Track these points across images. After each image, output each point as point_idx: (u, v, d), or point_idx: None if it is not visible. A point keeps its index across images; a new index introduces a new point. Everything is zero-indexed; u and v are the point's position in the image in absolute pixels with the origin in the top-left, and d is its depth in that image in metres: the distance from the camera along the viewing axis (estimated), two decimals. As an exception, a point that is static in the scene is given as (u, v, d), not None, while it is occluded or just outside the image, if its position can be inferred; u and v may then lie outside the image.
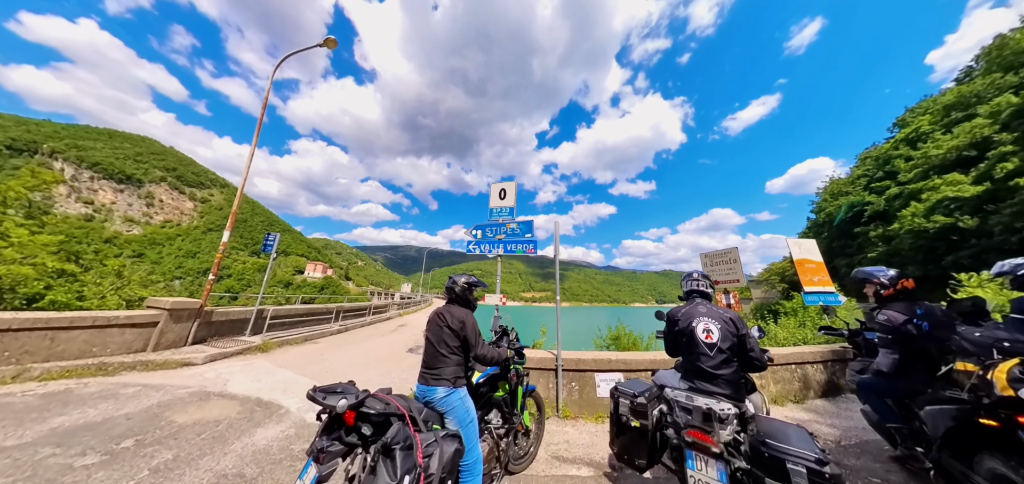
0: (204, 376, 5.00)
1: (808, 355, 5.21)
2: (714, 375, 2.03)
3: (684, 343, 2.22)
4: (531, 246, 5.05)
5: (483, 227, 5.40)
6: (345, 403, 1.44)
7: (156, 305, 5.80)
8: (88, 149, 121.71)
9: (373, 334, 11.13)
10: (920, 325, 2.55)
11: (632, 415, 2.13)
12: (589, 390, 4.57)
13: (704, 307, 2.27)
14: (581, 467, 3.08)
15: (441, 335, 2.14)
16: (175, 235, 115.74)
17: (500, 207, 5.39)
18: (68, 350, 4.73)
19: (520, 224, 5.13)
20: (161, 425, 3.30)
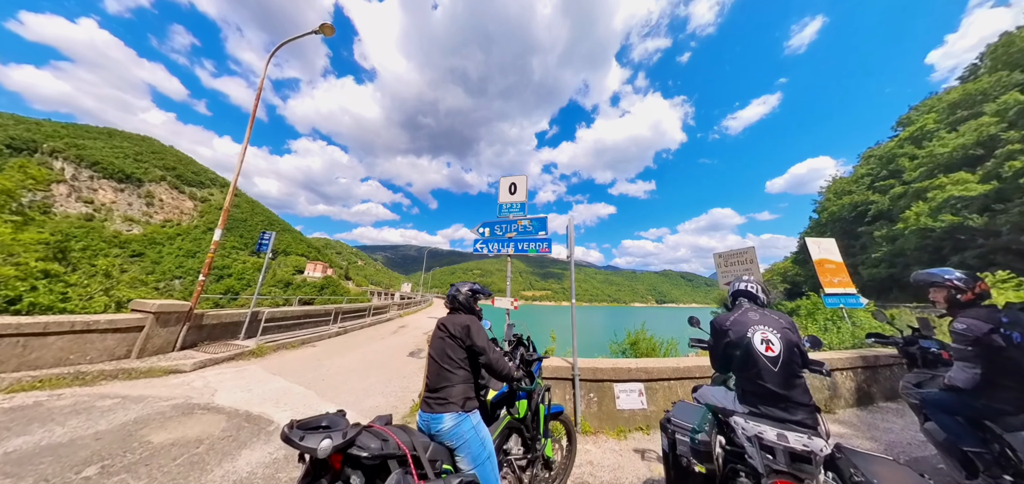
0: (191, 385, 4.62)
1: (836, 361, 4.89)
2: (783, 397, 1.67)
3: (738, 357, 1.85)
4: (545, 245, 4.68)
5: (491, 224, 5.02)
6: (329, 444, 1.12)
7: (141, 308, 5.42)
8: (88, 148, 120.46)
9: (373, 336, 10.75)
10: (1009, 335, 2.18)
11: (695, 457, 1.67)
12: (608, 402, 4.20)
13: (756, 313, 1.94)
14: None
15: (444, 348, 1.84)
16: (175, 234, 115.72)
17: (511, 203, 5.01)
18: (42, 358, 4.35)
19: (533, 221, 4.76)
20: (134, 446, 2.93)
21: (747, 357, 1.80)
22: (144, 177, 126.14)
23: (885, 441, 3.62)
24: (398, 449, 1.30)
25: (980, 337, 2.27)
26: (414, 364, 7.15)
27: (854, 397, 4.82)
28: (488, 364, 1.87)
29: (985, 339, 2.24)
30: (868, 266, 28.46)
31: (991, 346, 2.23)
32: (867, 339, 3.59)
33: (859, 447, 3.24)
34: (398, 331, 12.39)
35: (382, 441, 1.29)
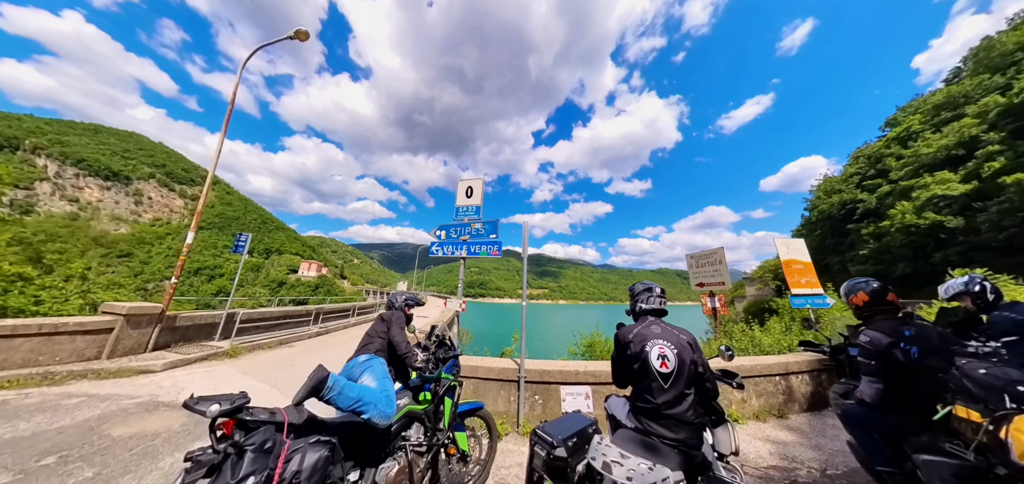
0: (160, 385, 4.79)
1: (793, 365, 4.85)
2: (666, 415, 1.70)
3: (636, 371, 1.86)
4: (495, 247, 4.88)
5: (448, 227, 5.23)
6: (216, 408, 1.32)
7: (111, 310, 5.56)
8: (72, 145, 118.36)
9: (353, 335, 10.92)
10: (908, 350, 2.08)
11: (548, 473, 1.67)
12: (554, 404, 4.22)
13: (658, 327, 1.92)
14: None
15: (375, 330, 2.86)
16: (165, 233, 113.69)
17: (466, 205, 5.21)
18: (10, 359, 4.49)
19: (486, 224, 4.97)
20: (93, 439, 3.11)
21: (643, 371, 1.81)
22: (132, 175, 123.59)
23: (830, 450, 3.58)
24: (281, 418, 1.51)
25: (882, 351, 2.19)
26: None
27: (809, 402, 4.78)
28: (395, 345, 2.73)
29: (885, 353, 2.17)
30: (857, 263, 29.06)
31: (891, 361, 2.15)
32: (798, 347, 3.59)
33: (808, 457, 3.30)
34: (382, 330, 12.57)
35: (271, 413, 1.50)
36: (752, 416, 4.47)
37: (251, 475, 1.29)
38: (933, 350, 2.07)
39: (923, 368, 2.06)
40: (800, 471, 3.24)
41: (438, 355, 2.71)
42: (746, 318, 14.58)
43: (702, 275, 9.73)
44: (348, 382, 1.90)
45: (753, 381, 4.60)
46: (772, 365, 4.72)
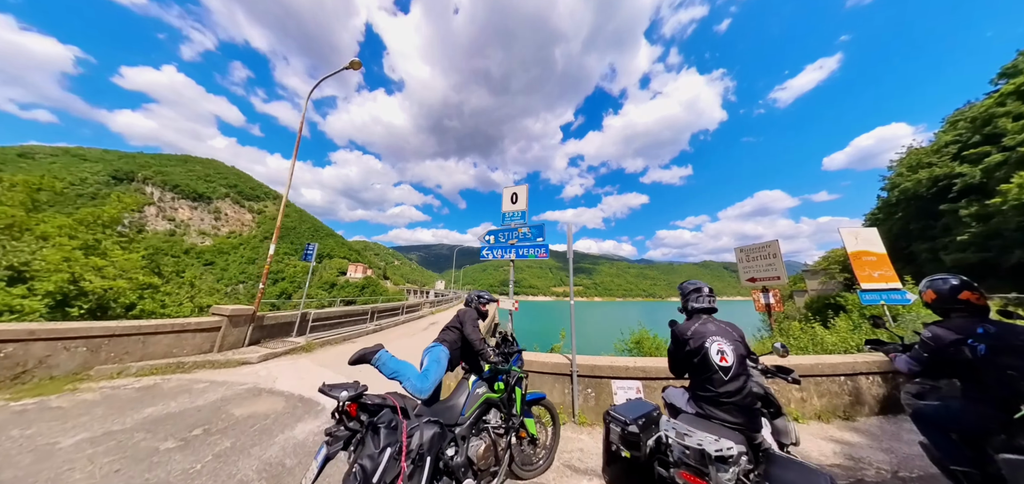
0: (258, 374, 5.71)
1: (861, 365, 4.53)
2: (726, 403, 1.89)
3: (696, 364, 2.04)
4: (542, 250, 5.13)
5: (496, 232, 5.56)
6: (346, 395, 1.73)
7: (218, 312, 6.69)
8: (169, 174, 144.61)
9: (405, 332, 11.81)
10: (975, 347, 2.05)
11: (623, 445, 2.03)
12: (606, 397, 4.46)
13: (714, 325, 2.11)
14: (592, 478, 3.02)
15: (450, 324, 3.09)
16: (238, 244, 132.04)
17: (512, 211, 5.51)
18: (155, 351, 5.65)
19: (532, 228, 5.23)
20: (223, 417, 3.88)
21: (703, 364, 1.99)
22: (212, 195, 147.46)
23: (903, 454, 3.37)
24: (392, 403, 1.90)
25: (943, 348, 2.19)
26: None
27: (880, 404, 4.45)
28: (469, 342, 2.90)
29: (945, 350, 2.17)
30: (952, 251, 24.75)
31: (957, 358, 2.14)
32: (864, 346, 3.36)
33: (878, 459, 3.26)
34: (428, 328, 13.41)
35: (382, 398, 1.90)
36: (813, 416, 4.30)
37: (388, 447, 1.66)
38: (1007, 349, 2.02)
39: (993, 366, 2.03)
40: (867, 471, 3.13)
41: (503, 350, 3.04)
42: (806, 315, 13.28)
43: (754, 269, 9.15)
44: (392, 357, 2.41)
45: (814, 380, 4.40)
46: (837, 364, 4.49)
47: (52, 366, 4.72)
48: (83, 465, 2.78)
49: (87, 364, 5.00)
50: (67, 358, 4.84)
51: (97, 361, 5.08)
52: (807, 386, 4.44)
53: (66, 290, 6.59)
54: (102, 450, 3.03)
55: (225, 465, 2.89)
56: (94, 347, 5.07)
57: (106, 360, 5.16)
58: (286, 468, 2.90)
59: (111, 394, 4.39)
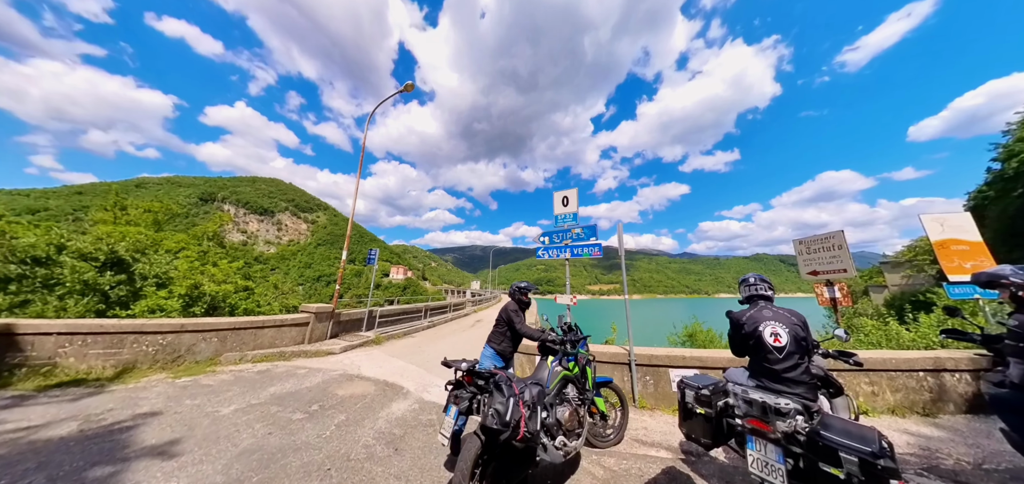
0: (343, 362, 6.58)
1: (947, 361, 4.25)
2: (783, 377, 2.15)
3: (751, 346, 2.34)
4: (596, 249, 5.36)
5: (550, 233, 5.88)
6: (466, 365, 2.41)
7: (307, 310, 7.76)
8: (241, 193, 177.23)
9: (456, 330, 12.57)
10: None
11: (697, 404, 2.45)
12: (664, 384, 4.72)
13: (769, 311, 2.35)
14: (659, 450, 3.40)
15: (499, 319, 3.62)
16: (297, 251, 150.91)
17: (564, 213, 5.80)
18: (263, 342, 6.76)
19: (585, 229, 5.48)
20: (329, 396, 4.63)
21: (758, 345, 2.28)
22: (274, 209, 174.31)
23: (990, 449, 3.25)
24: (497, 373, 2.40)
25: None
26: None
27: (968, 403, 4.15)
28: (524, 335, 3.45)
29: None
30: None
31: None
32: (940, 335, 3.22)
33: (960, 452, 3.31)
34: (475, 325, 14.11)
35: (491, 371, 2.43)
36: (886, 410, 4.19)
37: (511, 397, 2.15)
38: None
39: None
40: (945, 461, 3.09)
41: (571, 337, 3.43)
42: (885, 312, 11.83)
43: (815, 262, 8.48)
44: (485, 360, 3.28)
45: (887, 375, 4.25)
46: (915, 359, 4.28)
47: (196, 353, 5.89)
48: (245, 428, 3.56)
49: (218, 352, 6.14)
50: (205, 346, 6.00)
51: (225, 349, 6.22)
52: (878, 380, 4.31)
53: (192, 293, 8.06)
54: (252, 418, 3.83)
55: (347, 433, 3.53)
56: (222, 338, 6.22)
57: (230, 348, 6.30)
58: (396, 436, 3.48)
59: (240, 375, 5.40)
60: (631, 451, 3.38)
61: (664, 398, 4.70)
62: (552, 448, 2.41)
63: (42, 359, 4.91)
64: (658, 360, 4.79)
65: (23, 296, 6.44)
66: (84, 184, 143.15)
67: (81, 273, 6.98)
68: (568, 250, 5.53)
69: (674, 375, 4.71)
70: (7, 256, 6.58)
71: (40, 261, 6.89)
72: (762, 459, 2.02)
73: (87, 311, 6.76)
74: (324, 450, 3.13)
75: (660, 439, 3.65)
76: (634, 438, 3.64)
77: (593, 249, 5.33)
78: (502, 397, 2.13)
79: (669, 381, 4.70)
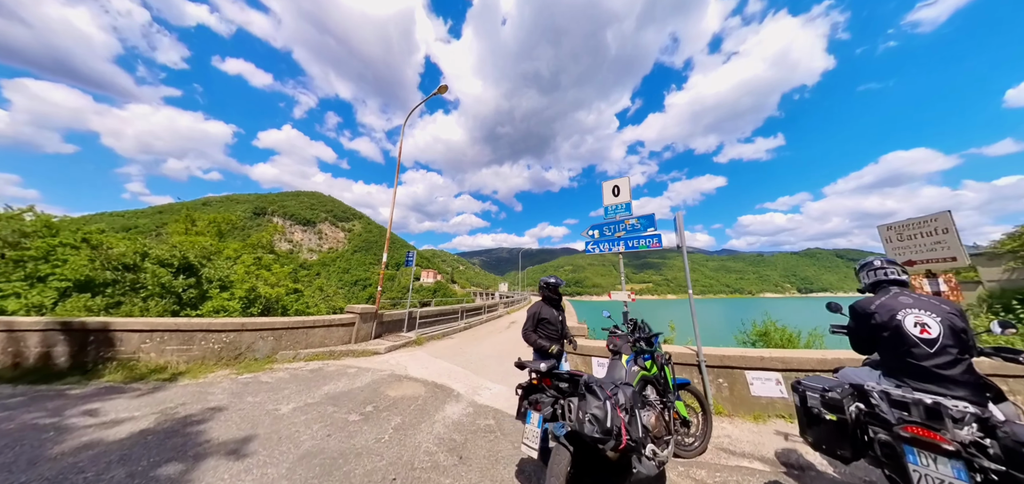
0: (389, 362, 6.59)
1: None
2: (937, 375, 1.76)
3: (886, 339, 1.97)
4: (656, 241, 4.89)
5: (599, 226, 5.48)
6: (545, 365, 2.13)
7: (352, 311, 7.94)
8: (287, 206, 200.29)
9: (492, 331, 12.43)
10: None
11: (825, 408, 1.98)
12: (740, 388, 4.27)
13: (908, 297, 1.99)
14: (752, 461, 2.99)
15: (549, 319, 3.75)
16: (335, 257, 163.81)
17: (615, 204, 5.38)
18: (313, 341, 6.97)
19: (641, 219, 5.03)
20: (381, 397, 4.57)
21: (897, 338, 1.91)
22: (315, 220, 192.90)
23: None
24: (578, 373, 2.12)
25: None
26: (533, 353, 8.16)
27: None
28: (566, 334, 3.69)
29: None
30: None
31: None
32: None
33: None
34: (510, 327, 13.91)
35: (569, 372, 2.15)
36: None
37: (606, 400, 1.86)
38: None
39: None
40: None
41: (643, 334, 3.13)
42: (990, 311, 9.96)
43: (912, 250, 7.29)
44: None
45: None
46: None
47: (255, 350, 6.16)
48: (304, 428, 3.53)
49: (274, 350, 6.39)
50: (263, 345, 6.26)
51: (280, 347, 6.47)
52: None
53: (249, 295, 8.55)
54: (310, 417, 3.81)
55: (406, 437, 3.38)
56: (277, 337, 6.46)
57: (285, 347, 6.53)
58: (458, 443, 3.28)
59: (295, 374, 5.53)
60: (720, 462, 2.98)
61: (742, 403, 4.21)
62: (645, 458, 2.09)
63: (128, 354, 5.36)
64: (731, 361, 4.36)
65: (117, 298, 7.20)
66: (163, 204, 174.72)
67: (159, 277, 7.68)
68: (621, 243, 5.11)
69: (752, 377, 4.25)
70: (104, 264, 7.41)
71: (129, 267, 7.69)
72: (934, 476, 1.54)
73: (165, 311, 7.38)
74: (385, 456, 2.98)
75: (749, 449, 3.24)
76: (719, 447, 3.26)
77: (651, 240, 4.87)
78: (598, 401, 1.84)
79: (746, 384, 4.25)
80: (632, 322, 3.51)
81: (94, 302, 6.90)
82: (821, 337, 5.66)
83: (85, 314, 6.41)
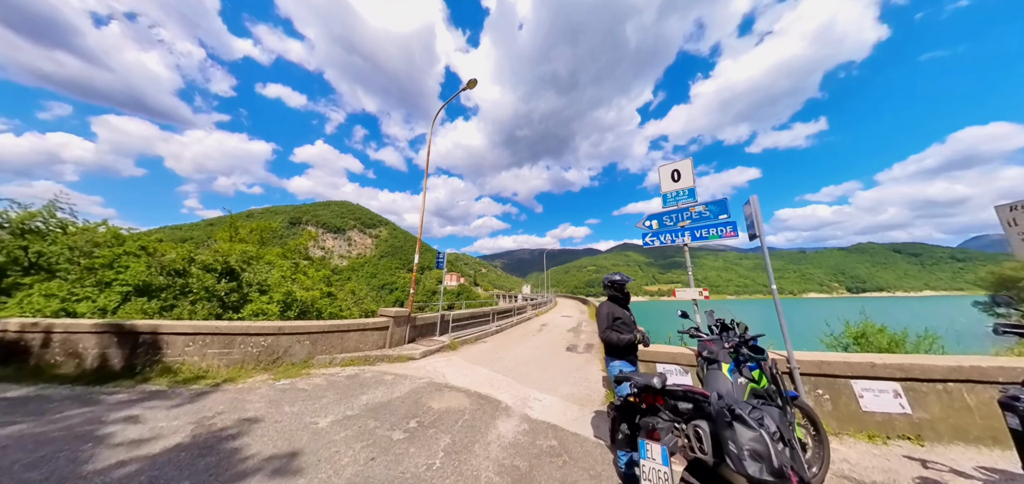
0: (425, 369, 6.27)
1: None
2: None
3: None
4: (729, 228, 4.20)
5: (658, 216, 4.85)
6: (658, 381, 1.66)
7: (385, 314, 7.74)
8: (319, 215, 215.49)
9: (525, 334, 11.94)
10: None
11: None
12: (846, 401, 3.59)
13: None
14: None
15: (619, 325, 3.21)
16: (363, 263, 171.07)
17: (676, 190, 4.72)
18: (349, 345, 6.80)
19: (710, 205, 4.35)
20: (424, 409, 4.20)
21: None
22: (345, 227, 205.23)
23: None
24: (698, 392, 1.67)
25: None
26: (577, 358, 7.58)
27: None
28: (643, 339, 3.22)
29: None
30: None
31: None
32: None
33: None
34: (542, 330, 13.35)
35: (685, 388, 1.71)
36: None
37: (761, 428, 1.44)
38: None
39: None
40: None
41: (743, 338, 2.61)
42: None
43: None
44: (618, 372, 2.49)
45: None
46: None
47: (292, 354, 6.04)
48: (345, 448, 3.19)
49: (310, 354, 6.26)
50: (299, 349, 6.14)
51: (316, 352, 6.33)
52: None
53: (287, 299, 8.60)
54: (350, 433, 3.48)
55: (461, 463, 2.96)
56: (313, 341, 6.33)
57: (321, 351, 6.39)
58: (522, 471, 2.82)
59: (332, 380, 5.32)
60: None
61: (850, 419, 3.52)
62: None
63: (172, 357, 5.40)
64: (832, 368, 3.66)
65: (169, 301, 7.47)
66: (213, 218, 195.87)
67: (204, 281, 7.88)
68: (686, 233, 4.45)
69: (861, 388, 3.55)
70: (157, 269, 7.76)
71: (178, 273, 7.99)
72: None
73: (209, 315, 7.54)
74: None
75: (880, 477, 2.62)
76: (840, 474, 2.68)
77: (724, 228, 4.18)
78: (752, 432, 1.39)
79: (854, 396, 3.56)
80: (720, 322, 3.00)
81: (150, 305, 7.16)
82: (937, 339, 4.69)
83: (140, 317, 6.62)
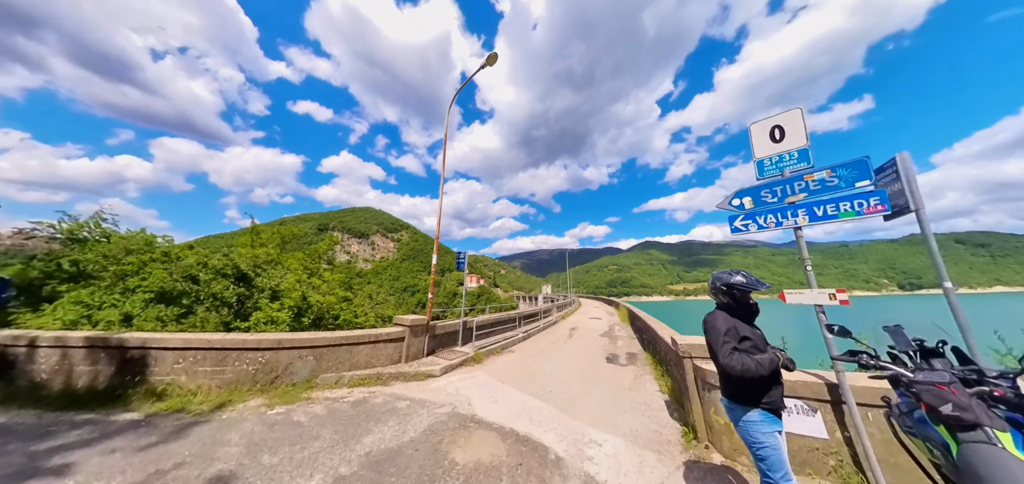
0: (447, 391, 5.19)
1: None
2: None
3: None
4: (876, 199, 2.77)
5: (752, 191, 3.44)
6: None
7: (401, 323, 6.76)
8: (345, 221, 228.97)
9: (554, 340, 10.70)
10: None
11: None
12: None
13: None
14: None
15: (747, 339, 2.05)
16: (387, 266, 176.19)
17: (778, 153, 3.29)
18: (359, 361, 5.85)
19: (840, 169, 2.93)
20: (443, 461, 3.08)
21: None
22: (368, 232, 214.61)
23: None
24: None
25: None
26: (623, 373, 6.26)
27: None
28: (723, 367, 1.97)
29: None
30: None
31: None
32: None
33: None
34: (572, 335, 12.03)
35: None
36: None
37: None
38: None
39: None
40: None
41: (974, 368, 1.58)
42: None
43: None
44: None
45: None
46: None
47: (293, 372, 5.15)
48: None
49: (314, 372, 5.35)
50: (302, 365, 5.24)
51: (321, 369, 5.42)
52: None
53: (300, 305, 7.86)
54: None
55: None
56: (318, 356, 5.43)
57: (326, 368, 5.47)
58: None
59: (334, 409, 4.33)
60: None
61: None
62: None
63: (160, 376, 4.63)
64: None
65: (188, 307, 6.95)
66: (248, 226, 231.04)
67: (211, 287, 7.29)
68: (801, 211, 3.08)
69: None
70: (174, 275, 7.29)
71: (194, 279, 7.50)
72: None
73: (219, 324, 6.92)
74: None
75: None
76: None
77: (866, 201, 2.78)
78: None
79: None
80: (919, 345, 1.68)
81: (167, 312, 6.66)
82: None
83: (155, 326, 6.04)
